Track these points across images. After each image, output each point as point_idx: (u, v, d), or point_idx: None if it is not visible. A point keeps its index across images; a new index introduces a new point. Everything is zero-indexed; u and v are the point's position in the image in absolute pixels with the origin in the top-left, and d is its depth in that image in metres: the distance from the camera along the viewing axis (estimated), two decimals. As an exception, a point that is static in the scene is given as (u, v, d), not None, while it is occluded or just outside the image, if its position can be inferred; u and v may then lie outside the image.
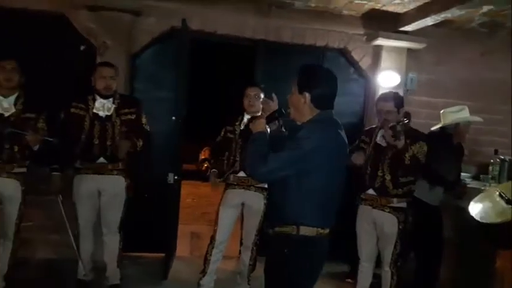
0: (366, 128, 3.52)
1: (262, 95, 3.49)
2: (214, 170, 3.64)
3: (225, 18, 4.42)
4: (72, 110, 3.33)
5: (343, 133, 2.16)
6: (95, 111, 3.33)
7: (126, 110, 3.41)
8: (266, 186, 3.43)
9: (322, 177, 2.04)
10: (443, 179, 3.48)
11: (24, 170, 3.22)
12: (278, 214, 2.11)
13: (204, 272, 3.49)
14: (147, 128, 3.53)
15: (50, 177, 3.40)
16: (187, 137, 4.22)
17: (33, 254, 4.03)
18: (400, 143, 3.00)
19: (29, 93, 3.35)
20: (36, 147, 3.11)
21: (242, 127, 3.51)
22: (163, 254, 3.95)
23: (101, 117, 3.34)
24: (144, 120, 3.51)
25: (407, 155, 3.05)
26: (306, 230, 2.04)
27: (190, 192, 7.81)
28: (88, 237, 3.47)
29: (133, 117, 3.43)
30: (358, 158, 3.22)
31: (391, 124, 3.09)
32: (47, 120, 3.27)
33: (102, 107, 3.36)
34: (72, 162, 3.39)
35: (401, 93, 4.68)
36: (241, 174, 3.46)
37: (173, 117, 3.79)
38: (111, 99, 3.38)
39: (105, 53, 4.16)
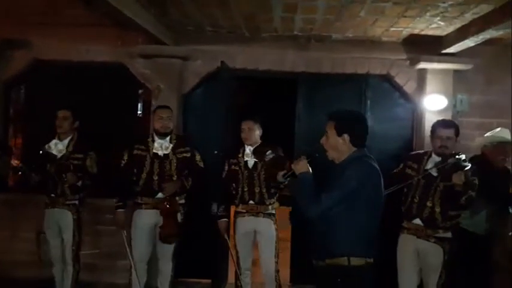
0: (412, 153, 3.47)
1: (256, 127, 3.71)
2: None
3: (266, 55, 4.69)
4: (135, 151, 3.73)
5: (377, 166, 2.37)
6: (154, 151, 3.71)
7: (182, 149, 3.76)
8: (274, 212, 3.66)
9: (367, 211, 2.26)
10: (482, 205, 3.34)
11: (75, 202, 3.74)
12: (328, 247, 2.29)
13: (239, 299, 3.66)
14: (201, 164, 3.84)
15: (115, 213, 3.74)
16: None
17: (99, 278, 4.51)
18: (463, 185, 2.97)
19: (93, 134, 3.94)
20: (79, 183, 3.64)
21: (246, 158, 3.69)
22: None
23: (160, 156, 3.70)
24: (198, 157, 3.83)
25: (463, 196, 3.00)
26: (356, 261, 2.24)
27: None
28: (141, 269, 3.73)
29: (188, 155, 3.77)
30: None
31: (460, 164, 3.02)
32: (94, 158, 3.78)
33: (161, 146, 3.73)
34: (134, 198, 3.75)
35: (449, 115, 4.62)
36: (251, 202, 3.64)
37: (215, 152, 4.06)
38: (168, 139, 3.75)
39: (159, 96, 4.62)
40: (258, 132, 3.73)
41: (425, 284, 3.23)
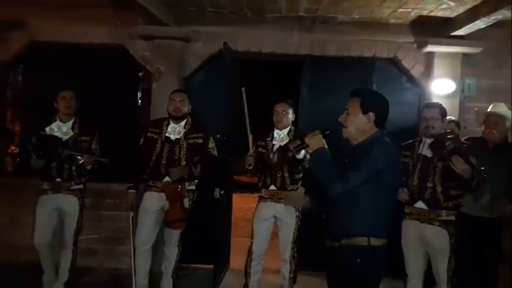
0: (403, 144, 3.40)
1: (290, 111, 3.64)
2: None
3: (269, 37, 4.57)
4: (149, 134, 3.68)
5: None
6: (167, 134, 3.64)
7: (194, 135, 3.67)
8: None
9: (387, 192, 2.25)
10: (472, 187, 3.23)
11: (81, 186, 3.66)
12: (346, 227, 2.23)
13: (246, 285, 3.62)
14: (214, 152, 3.75)
15: (126, 194, 3.67)
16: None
17: (101, 263, 4.46)
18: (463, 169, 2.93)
19: (92, 117, 3.85)
20: (89, 167, 3.51)
21: (274, 142, 3.64)
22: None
23: (172, 140, 3.63)
24: (211, 145, 3.74)
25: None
26: (375, 241, 2.21)
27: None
28: (145, 253, 3.66)
29: (200, 142, 3.68)
30: (402, 195, 3.16)
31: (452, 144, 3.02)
32: (99, 142, 3.69)
33: (174, 131, 3.65)
34: (146, 180, 3.70)
35: (457, 100, 4.51)
36: (272, 187, 3.58)
37: (217, 135, 3.97)
38: (182, 124, 3.67)
39: (159, 79, 4.51)
40: (291, 116, 3.69)
41: (434, 269, 3.17)
